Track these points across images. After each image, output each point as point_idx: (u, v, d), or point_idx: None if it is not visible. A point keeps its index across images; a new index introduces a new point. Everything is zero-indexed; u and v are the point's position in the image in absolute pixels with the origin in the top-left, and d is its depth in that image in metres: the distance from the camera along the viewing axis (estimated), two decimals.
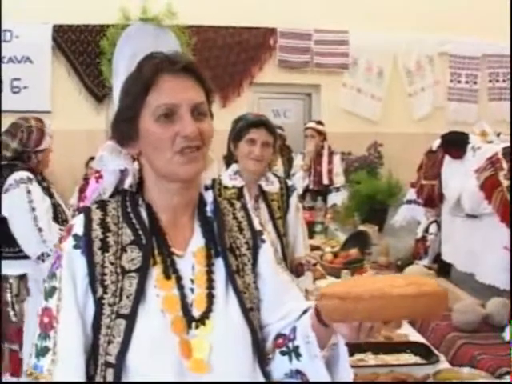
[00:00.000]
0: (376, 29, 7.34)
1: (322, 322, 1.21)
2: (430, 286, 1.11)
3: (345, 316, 1.13)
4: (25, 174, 3.09)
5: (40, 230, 3.04)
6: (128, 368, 1.16)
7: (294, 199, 2.80)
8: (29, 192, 3.06)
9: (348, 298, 1.10)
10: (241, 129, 2.65)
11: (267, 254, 1.38)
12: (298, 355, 1.27)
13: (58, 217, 3.22)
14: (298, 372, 1.29)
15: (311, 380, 1.27)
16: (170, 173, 1.24)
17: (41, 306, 1.23)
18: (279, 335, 1.33)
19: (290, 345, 1.29)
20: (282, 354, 1.30)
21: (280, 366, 1.31)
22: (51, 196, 3.23)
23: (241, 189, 2.68)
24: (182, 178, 1.25)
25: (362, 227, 4.67)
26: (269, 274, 1.36)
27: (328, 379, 1.23)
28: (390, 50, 7.71)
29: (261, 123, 2.64)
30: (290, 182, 2.89)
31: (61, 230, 3.04)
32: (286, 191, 2.79)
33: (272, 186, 2.74)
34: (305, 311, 1.31)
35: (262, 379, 1.27)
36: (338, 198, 5.78)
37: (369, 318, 1.13)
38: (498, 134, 3.39)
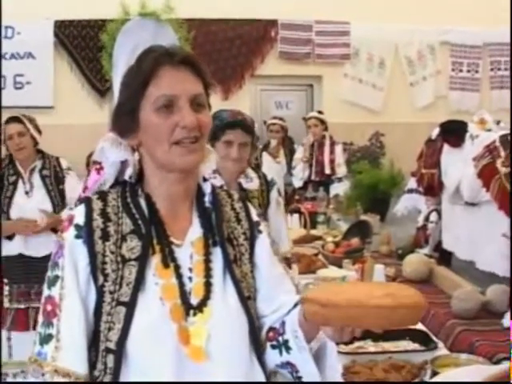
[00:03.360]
0: (377, 19, 7.32)
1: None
2: (408, 299, 1.17)
3: (324, 321, 1.20)
4: None
5: None
6: (128, 354, 1.19)
7: (274, 194, 2.77)
8: None
9: (327, 305, 1.16)
10: (216, 129, 2.51)
11: (264, 244, 1.41)
12: (288, 348, 1.32)
13: None
14: (288, 363, 1.34)
15: (300, 370, 1.32)
16: (168, 163, 1.27)
17: (43, 295, 1.26)
18: (270, 329, 1.37)
19: (280, 339, 1.33)
20: (273, 347, 1.35)
21: (271, 358, 1.36)
22: None
23: (220, 188, 2.63)
24: (180, 168, 1.28)
25: (364, 217, 4.68)
26: (265, 265, 1.39)
27: (315, 370, 1.29)
28: (391, 39, 7.69)
29: (236, 124, 2.53)
30: (269, 177, 2.84)
31: None
32: (266, 186, 2.76)
33: (252, 183, 2.69)
34: (295, 305, 1.35)
35: (258, 367, 1.31)
36: (340, 189, 5.80)
37: (346, 325, 1.21)
38: (498, 122, 3.41)
